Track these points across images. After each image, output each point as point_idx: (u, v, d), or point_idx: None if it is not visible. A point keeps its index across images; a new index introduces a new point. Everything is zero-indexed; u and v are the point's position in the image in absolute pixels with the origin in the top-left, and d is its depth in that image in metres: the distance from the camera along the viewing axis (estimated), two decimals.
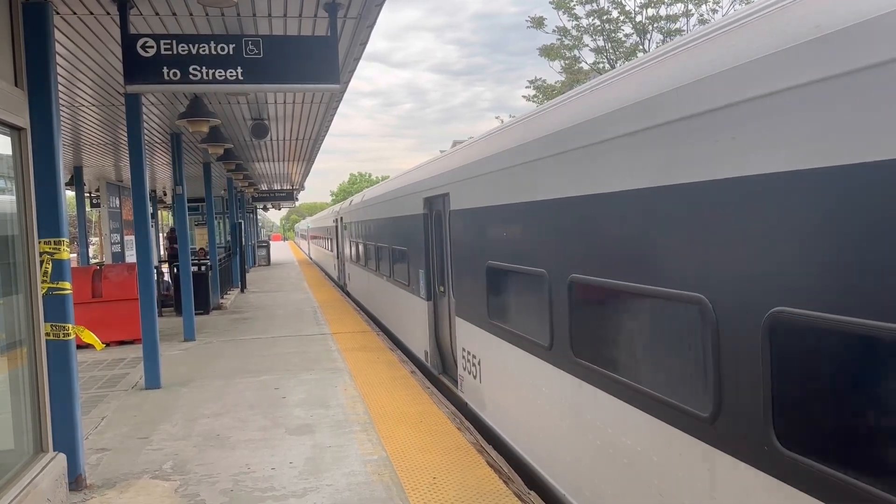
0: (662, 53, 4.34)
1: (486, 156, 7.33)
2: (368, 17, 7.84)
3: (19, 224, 5.69)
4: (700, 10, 34.00)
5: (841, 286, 2.74)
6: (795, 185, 2.94)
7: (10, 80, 5.66)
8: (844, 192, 2.70)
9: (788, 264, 3.00)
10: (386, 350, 12.38)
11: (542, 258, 5.75)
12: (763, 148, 3.13)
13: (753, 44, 3.31)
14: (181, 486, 6.26)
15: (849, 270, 2.71)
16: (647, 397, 4.15)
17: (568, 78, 35.77)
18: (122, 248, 24.68)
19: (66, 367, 6.26)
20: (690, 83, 3.71)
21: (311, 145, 18.58)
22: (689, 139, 3.69)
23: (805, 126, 2.90)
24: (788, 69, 3.00)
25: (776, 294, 3.04)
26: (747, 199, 3.25)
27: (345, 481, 6.16)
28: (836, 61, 2.74)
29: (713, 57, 3.63)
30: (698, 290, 3.60)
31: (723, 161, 3.40)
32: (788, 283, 3.00)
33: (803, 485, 2.90)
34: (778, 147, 3.04)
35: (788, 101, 2.99)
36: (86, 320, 8.19)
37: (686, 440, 3.76)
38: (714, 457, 3.51)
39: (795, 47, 2.97)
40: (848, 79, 2.69)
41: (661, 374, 4.15)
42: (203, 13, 7.42)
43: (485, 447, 7.06)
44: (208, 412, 8.66)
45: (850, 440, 2.83)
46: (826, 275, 2.83)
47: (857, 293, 2.66)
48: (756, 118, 3.18)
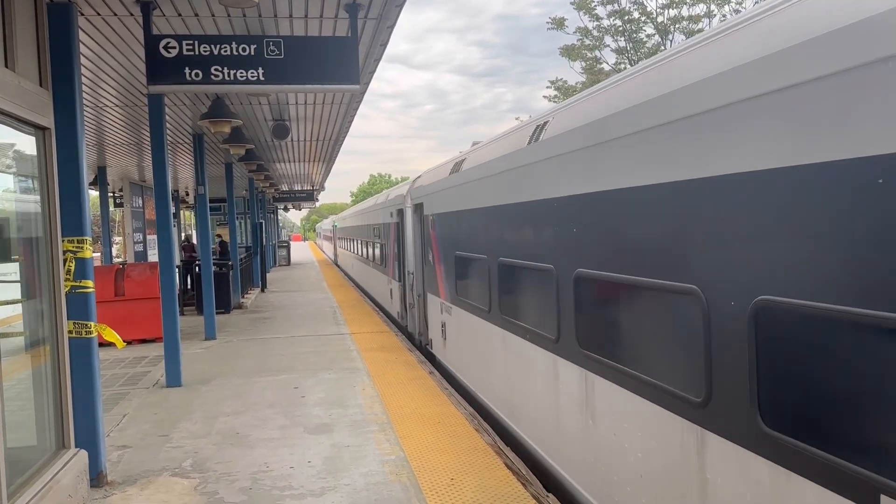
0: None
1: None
2: (389, 18, 7.84)
3: (43, 223, 5.76)
4: (723, 10, 33.72)
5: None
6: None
7: (35, 80, 5.73)
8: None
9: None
10: (404, 350, 12.39)
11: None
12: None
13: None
14: (200, 483, 6.29)
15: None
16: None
17: (589, 78, 35.59)
18: (144, 248, 24.95)
19: (88, 365, 6.32)
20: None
21: (331, 146, 18.66)
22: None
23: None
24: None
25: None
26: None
27: (363, 481, 6.17)
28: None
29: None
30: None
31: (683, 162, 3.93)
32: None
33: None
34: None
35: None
36: (108, 318, 8.28)
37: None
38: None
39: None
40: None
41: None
42: (225, 14, 7.47)
43: (503, 449, 7.04)
44: (228, 410, 8.72)
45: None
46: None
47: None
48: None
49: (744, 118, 3.37)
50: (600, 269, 5.04)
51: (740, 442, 3.43)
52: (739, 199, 3.41)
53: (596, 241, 5.16)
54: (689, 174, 3.82)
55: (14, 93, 5.14)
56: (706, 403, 3.71)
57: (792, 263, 3.08)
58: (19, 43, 5.35)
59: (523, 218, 6.85)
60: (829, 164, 2.84)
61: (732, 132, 3.45)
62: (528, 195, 6.59)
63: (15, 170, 5.88)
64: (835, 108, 2.82)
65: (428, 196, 11.80)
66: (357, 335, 14.24)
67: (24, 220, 5.65)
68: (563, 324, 5.83)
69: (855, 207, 2.72)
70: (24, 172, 5.84)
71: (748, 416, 3.35)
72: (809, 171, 2.95)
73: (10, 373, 5.09)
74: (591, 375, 5.29)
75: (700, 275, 3.74)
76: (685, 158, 3.86)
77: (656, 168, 4.17)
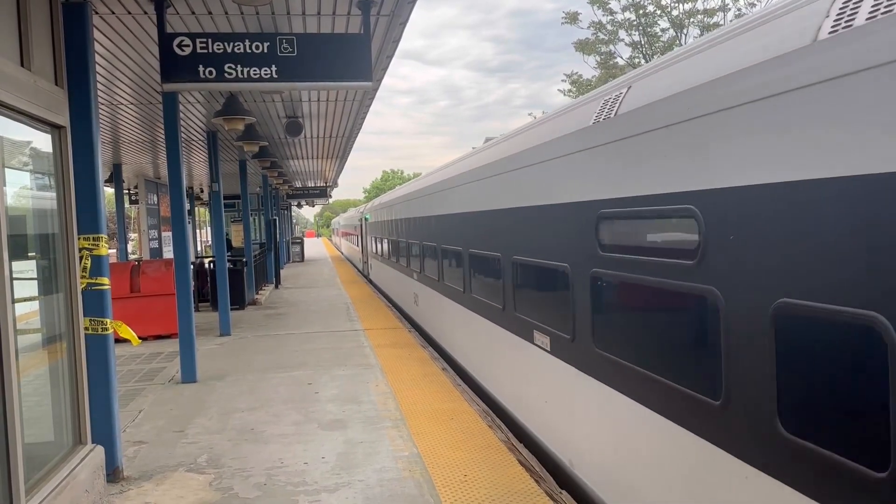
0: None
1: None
2: (401, 15, 7.84)
3: (59, 220, 5.81)
4: (738, 3, 33.45)
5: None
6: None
7: (51, 78, 5.77)
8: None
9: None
10: (417, 347, 12.40)
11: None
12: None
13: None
14: (215, 479, 6.34)
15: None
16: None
17: (603, 73, 35.43)
18: (159, 244, 25.13)
19: (104, 361, 6.38)
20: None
21: (344, 142, 18.69)
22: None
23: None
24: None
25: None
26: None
27: (376, 477, 6.18)
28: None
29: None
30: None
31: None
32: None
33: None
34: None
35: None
36: (124, 315, 8.35)
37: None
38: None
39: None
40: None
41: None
42: (238, 12, 7.49)
43: (516, 446, 7.04)
44: (243, 406, 8.77)
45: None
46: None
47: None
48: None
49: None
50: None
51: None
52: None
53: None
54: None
55: (30, 92, 5.17)
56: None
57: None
58: (35, 42, 5.39)
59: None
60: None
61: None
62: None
63: (31, 168, 5.93)
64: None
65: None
66: (370, 331, 14.27)
67: (40, 217, 5.70)
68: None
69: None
70: (40, 170, 5.89)
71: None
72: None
73: (27, 369, 5.14)
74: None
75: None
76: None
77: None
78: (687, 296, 4.11)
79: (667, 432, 4.31)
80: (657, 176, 4.38)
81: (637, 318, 5.06)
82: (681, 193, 4.09)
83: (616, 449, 5.15)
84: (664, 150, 4.31)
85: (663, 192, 4.31)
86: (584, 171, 5.59)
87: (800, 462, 3.15)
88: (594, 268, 5.38)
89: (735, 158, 3.59)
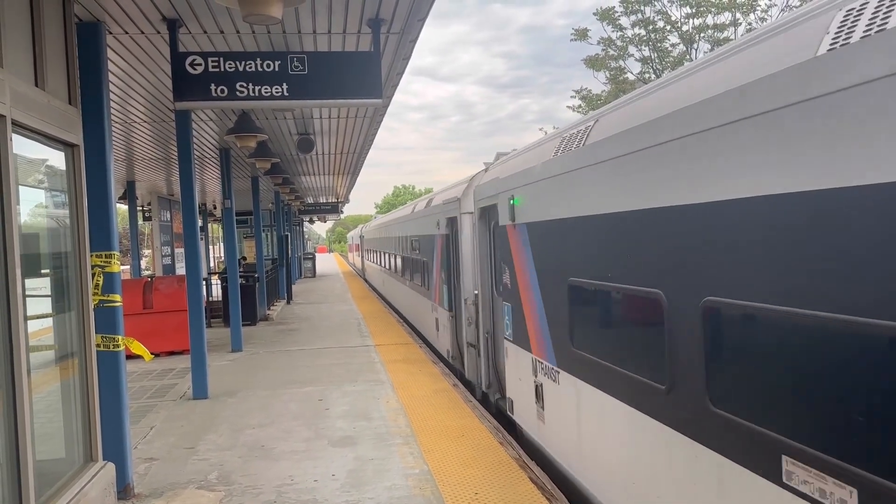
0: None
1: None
2: (411, 32, 7.89)
3: (72, 238, 5.86)
4: (748, 18, 33.45)
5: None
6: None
7: (65, 98, 5.84)
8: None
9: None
10: (428, 362, 12.38)
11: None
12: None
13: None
14: (226, 496, 6.33)
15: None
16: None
17: (613, 88, 35.48)
18: (172, 261, 25.25)
19: (115, 378, 6.41)
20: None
21: (355, 158, 18.79)
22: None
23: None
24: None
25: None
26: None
27: (386, 495, 6.15)
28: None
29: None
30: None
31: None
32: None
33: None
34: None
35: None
36: (137, 331, 8.39)
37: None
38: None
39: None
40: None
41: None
42: (249, 31, 7.57)
43: (528, 463, 6.99)
44: (254, 423, 8.76)
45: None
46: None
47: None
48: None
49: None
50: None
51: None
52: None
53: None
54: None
55: (44, 111, 5.24)
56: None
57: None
58: (49, 62, 5.46)
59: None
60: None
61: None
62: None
63: (46, 186, 5.99)
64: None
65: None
66: (381, 347, 14.26)
67: (53, 234, 5.75)
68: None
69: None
70: (54, 188, 5.94)
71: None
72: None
73: (39, 386, 5.17)
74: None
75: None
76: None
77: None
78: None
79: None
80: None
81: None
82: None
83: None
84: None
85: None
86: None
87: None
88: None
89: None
